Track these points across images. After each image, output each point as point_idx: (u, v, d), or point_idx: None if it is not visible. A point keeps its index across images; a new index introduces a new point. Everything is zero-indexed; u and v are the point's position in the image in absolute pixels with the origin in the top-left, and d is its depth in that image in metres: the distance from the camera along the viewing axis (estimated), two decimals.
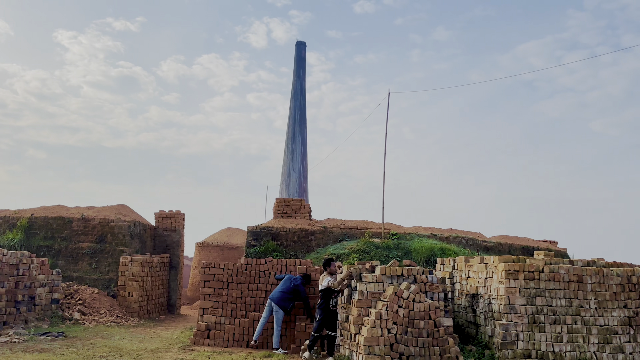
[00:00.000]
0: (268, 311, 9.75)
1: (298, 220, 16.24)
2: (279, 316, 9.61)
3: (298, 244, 15.33)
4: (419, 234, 16.12)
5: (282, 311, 9.60)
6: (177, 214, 17.29)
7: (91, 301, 13.84)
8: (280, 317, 9.62)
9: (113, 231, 15.68)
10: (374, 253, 14.25)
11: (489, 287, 9.16)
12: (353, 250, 14.33)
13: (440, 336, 8.22)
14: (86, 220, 15.88)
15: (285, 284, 9.80)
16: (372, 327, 7.95)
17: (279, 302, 9.59)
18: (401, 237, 15.54)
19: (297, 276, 9.98)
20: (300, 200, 16.47)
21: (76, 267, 15.34)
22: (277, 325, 9.58)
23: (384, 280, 8.57)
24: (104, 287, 14.98)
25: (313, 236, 15.50)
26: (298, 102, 53.37)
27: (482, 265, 9.53)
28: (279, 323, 9.58)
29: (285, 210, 16.40)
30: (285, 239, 15.35)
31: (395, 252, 14.55)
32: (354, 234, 15.82)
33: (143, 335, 11.57)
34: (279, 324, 9.58)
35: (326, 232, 15.62)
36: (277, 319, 9.60)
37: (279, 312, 9.60)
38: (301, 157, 51.89)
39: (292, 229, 15.45)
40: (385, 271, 8.62)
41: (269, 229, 15.47)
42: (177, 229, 17.24)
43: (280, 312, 9.60)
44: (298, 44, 54.62)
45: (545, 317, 8.46)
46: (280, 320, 9.61)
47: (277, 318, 9.60)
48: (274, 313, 9.64)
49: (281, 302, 9.59)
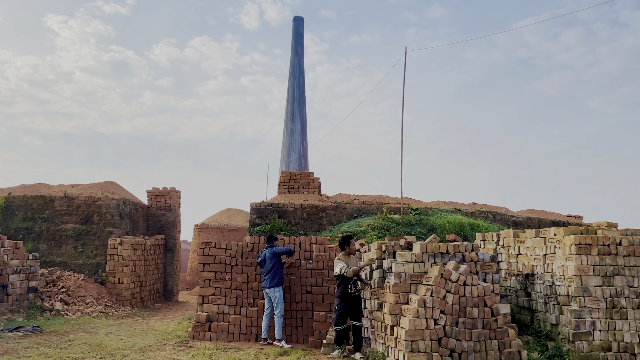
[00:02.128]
0: (268, 301, 8.28)
1: (307, 195, 14.57)
2: (277, 295, 8.15)
3: (308, 222, 13.68)
4: (441, 209, 14.46)
5: (276, 288, 8.17)
6: (172, 192, 15.59)
7: (76, 289, 12.22)
8: (278, 296, 8.14)
9: (100, 210, 13.99)
10: (394, 230, 12.61)
11: (551, 265, 7.52)
12: (371, 227, 12.69)
13: (498, 327, 6.60)
14: (70, 199, 14.17)
15: (263, 262, 8.39)
16: (415, 318, 6.32)
17: (269, 283, 8.20)
18: (422, 213, 13.89)
19: (267, 247, 8.54)
20: (308, 173, 14.77)
21: (59, 251, 13.69)
22: (278, 310, 8.10)
23: (425, 259, 6.92)
24: (91, 273, 13.35)
25: (324, 213, 13.84)
26: (297, 80, 51.23)
27: (538, 240, 7.88)
28: (279, 305, 8.11)
29: (292, 185, 14.71)
30: (293, 217, 13.68)
31: (418, 228, 12.92)
32: (369, 209, 14.16)
33: (134, 327, 9.96)
34: (280, 307, 8.11)
35: (339, 208, 13.96)
36: (276, 299, 8.15)
37: (274, 291, 8.17)
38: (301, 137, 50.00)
39: (300, 205, 13.78)
40: (426, 248, 6.96)
41: (274, 206, 13.80)
42: (172, 208, 15.56)
43: (276, 290, 8.17)
44: (295, 19, 52.27)
45: (627, 301, 6.83)
46: (280, 300, 8.13)
47: (275, 301, 8.15)
48: (272, 298, 8.19)
49: (271, 281, 8.18)
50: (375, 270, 7.45)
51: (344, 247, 7.71)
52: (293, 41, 51.73)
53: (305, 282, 8.54)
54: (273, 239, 8.47)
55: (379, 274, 7.35)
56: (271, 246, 8.36)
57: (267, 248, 8.37)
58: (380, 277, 7.35)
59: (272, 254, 8.19)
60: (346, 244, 7.73)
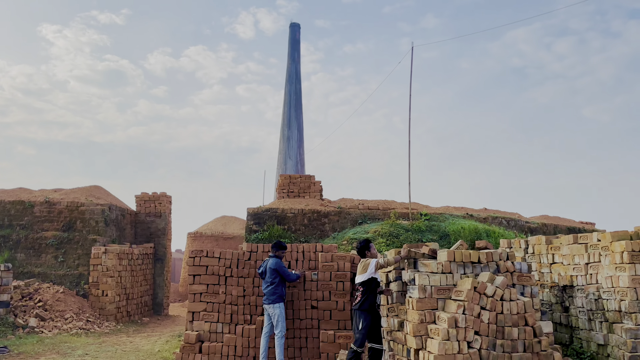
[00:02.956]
0: (267, 318, 7.11)
1: (307, 200, 13.53)
2: (278, 312, 6.95)
3: (309, 228, 12.63)
4: (452, 215, 13.46)
5: (276, 305, 6.98)
6: (162, 196, 14.51)
7: (54, 303, 11.08)
8: (279, 314, 6.95)
9: (83, 217, 12.88)
10: (403, 237, 11.58)
11: (595, 275, 6.50)
12: (378, 233, 11.66)
13: (542, 349, 5.57)
14: (51, 205, 13.06)
15: (263, 275, 7.25)
16: (445, 340, 5.28)
17: (268, 298, 7.03)
18: (432, 218, 12.88)
19: (270, 256, 7.34)
20: (309, 176, 13.75)
21: (39, 260, 12.56)
22: (279, 329, 6.91)
23: (453, 270, 5.89)
24: (73, 285, 12.22)
25: (327, 218, 12.80)
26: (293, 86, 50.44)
27: (578, 247, 6.87)
28: (280, 324, 6.91)
29: (292, 189, 13.67)
30: (293, 223, 12.63)
31: (429, 235, 11.90)
32: (375, 215, 13.13)
33: (115, 347, 8.85)
34: (280, 326, 6.91)
35: (342, 214, 12.93)
36: (276, 316, 6.95)
37: (274, 308, 6.98)
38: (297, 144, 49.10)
39: (301, 211, 12.74)
40: (454, 256, 5.94)
41: (273, 211, 12.75)
42: (162, 214, 14.46)
43: (276, 307, 6.97)
44: (292, 25, 51.59)
45: None
46: (281, 318, 6.94)
47: (275, 316, 6.96)
48: (272, 315, 7.00)
49: (271, 297, 7.01)
50: (393, 283, 6.41)
51: (364, 254, 6.66)
52: (289, 47, 51.01)
53: (310, 296, 7.48)
54: (280, 248, 7.33)
55: (398, 287, 6.31)
56: (275, 256, 7.24)
57: (270, 257, 7.28)
58: (399, 291, 6.31)
59: (275, 265, 7.09)
60: (366, 249, 6.67)
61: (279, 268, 7.06)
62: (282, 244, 7.36)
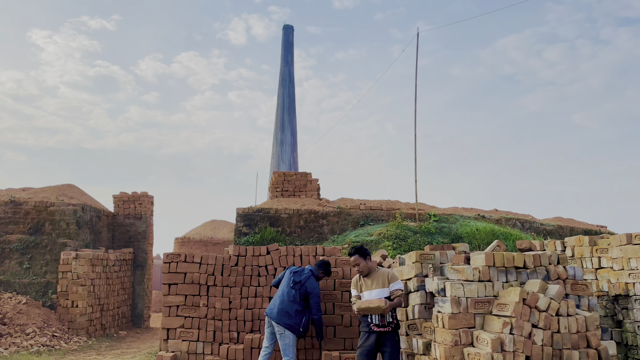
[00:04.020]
0: (269, 336, 5.65)
1: (304, 199, 12.28)
2: (287, 342, 5.49)
3: (306, 231, 11.36)
4: (462, 216, 12.27)
5: (291, 332, 5.52)
6: (142, 197, 13.17)
7: (14, 315, 9.70)
8: (289, 344, 5.49)
9: (53, 218, 11.52)
10: (412, 239, 10.36)
11: None
12: (383, 236, 10.42)
13: None
14: (16, 205, 11.69)
15: (288, 286, 5.69)
16: None
17: (282, 318, 5.51)
18: (441, 219, 11.67)
19: (307, 267, 5.96)
20: (305, 173, 12.50)
21: (1, 267, 11.16)
22: (289, 356, 5.56)
23: (493, 277, 4.66)
24: (39, 295, 10.83)
25: (325, 220, 11.54)
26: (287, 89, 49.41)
27: (634, 248, 5.67)
28: (288, 354, 5.52)
29: (287, 187, 12.41)
30: (288, 225, 11.36)
31: (440, 237, 10.69)
32: (378, 216, 11.90)
33: None
34: (288, 355, 5.54)
35: (342, 215, 11.68)
36: (285, 347, 5.50)
37: (285, 336, 5.50)
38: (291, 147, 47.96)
39: (296, 211, 11.48)
40: (493, 260, 4.71)
41: (265, 212, 11.48)
42: (143, 216, 13.12)
43: (289, 336, 5.50)
44: (285, 27, 50.61)
45: None
46: (291, 348, 5.51)
47: (283, 346, 5.51)
48: (278, 337, 5.56)
49: (285, 318, 5.51)
50: (414, 294, 5.16)
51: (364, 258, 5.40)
52: (283, 50, 49.89)
53: None
54: (325, 269, 5.90)
55: (420, 299, 5.07)
56: (315, 276, 5.80)
57: (306, 272, 5.79)
58: (423, 304, 5.06)
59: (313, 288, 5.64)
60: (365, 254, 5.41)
61: (316, 294, 5.62)
62: (329, 266, 5.92)
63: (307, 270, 5.82)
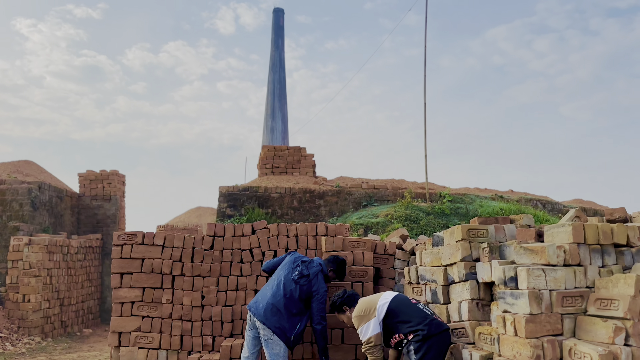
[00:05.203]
0: (252, 342, 4.10)
1: (297, 177, 10.70)
2: (276, 351, 3.93)
3: (300, 212, 9.80)
4: (478, 196, 10.79)
5: (281, 341, 3.94)
6: (112, 175, 11.50)
7: None
8: (278, 354, 3.93)
9: (4, 198, 9.83)
10: (424, 221, 8.85)
11: None
12: (392, 217, 8.89)
13: None
14: None
15: (289, 278, 4.14)
16: None
17: (272, 317, 3.96)
18: (456, 200, 10.18)
19: (315, 259, 4.37)
20: (299, 148, 10.92)
21: None
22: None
23: (584, 259, 3.14)
24: None
25: (322, 200, 9.98)
26: (277, 75, 47.55)
27: None
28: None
29: (277, 164, 10.81)
30: (279, 205, 9.79)
31: (456, 219, 9.18)
32: (383, 195, 10.37)
33: None
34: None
35: (341, 194, 10.12)
36: (273, 358, 3.93)
37: (273, 343, 3.93)
38: (282, 135, 46.31)
39: (289, 190, 9.91)
40: (584, 235, 3.18)
41: (253, 191, 9.89)
42: (112, 197, 11.46)
43: (278, 343, 3.93)
44: (275, 11, 48.66)
45: None
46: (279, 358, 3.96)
47: (271, 356, 3.94)
48: (264, 344, 3.98)
49: (276, 319, 3.96)
50: (460, 285, 3.63)
51: None
52: (273, 34, 47.98)
53: None
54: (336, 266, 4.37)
55: (471, 293, 3.53)
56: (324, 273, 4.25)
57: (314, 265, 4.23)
58: (474, 300, 3.53)
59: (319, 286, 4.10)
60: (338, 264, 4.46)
61: (321, 296, 4.07)
62: (344, 265, 4.41)
63: (317, 263, 4.25)
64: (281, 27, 50.56)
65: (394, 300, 3.58)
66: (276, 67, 49.37)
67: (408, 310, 3.50)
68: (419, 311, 3.47)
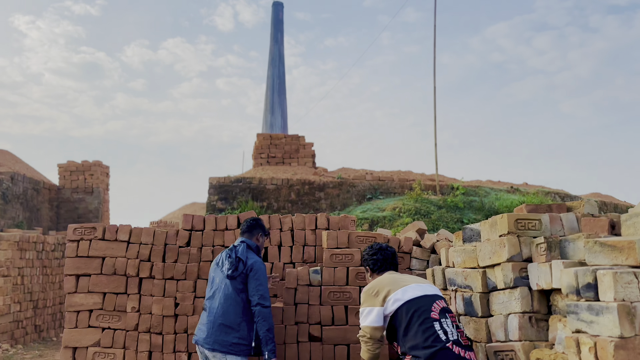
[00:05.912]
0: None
1: (295, 168, 9.82)
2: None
3: (298, 205, 8.92)
4: (492, 189, 9.92)
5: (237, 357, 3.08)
6: (94, 166, 10.60)
7: None
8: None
9: None
10: (436, 215, 7.98)
11: None
12: (400, 210, 8.03)
13: None
14: None
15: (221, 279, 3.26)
16: None
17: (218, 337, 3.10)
18: (469, 192, 9.31)
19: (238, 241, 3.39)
20: (297, 136, 10.04)
21: None
22: None
23: None
24: None
25: (322, 192, 9.10)
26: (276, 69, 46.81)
27: None
28: None
29: (274, 153, 9.92)
30: (275, 198, 8.91)
31: (470, 213, 8.34)
32: (389, 187, 9.49)
33: None
34: None
35: (344, 186, 9.24)
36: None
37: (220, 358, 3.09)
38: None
39: (286, 181, 9.02)
40: None
41: (247, 182, 9.01)
42: (95, 190, 10.57)
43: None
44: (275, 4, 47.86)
45: None
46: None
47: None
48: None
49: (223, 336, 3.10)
50: (506, 293, 2.75)
51: None
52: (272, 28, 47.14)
53: (308, 317, 3.75)
54: (255, 229, 3.47)
55: (522, 304, 2.65)
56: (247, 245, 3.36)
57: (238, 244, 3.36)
58: (528, 314, 2.64)
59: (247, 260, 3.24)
60: None
61: (257, 271, 3.21)
62: (258, 221, 3.50)
63: (239, 242, 3.37)
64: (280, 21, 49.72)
65: (412, 302, 2.64)
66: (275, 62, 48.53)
67: (418, 323, 2.58)
68: (430, 331, 2.53)
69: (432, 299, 2.61)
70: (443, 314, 2.56)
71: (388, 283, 2.72)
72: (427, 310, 2.57)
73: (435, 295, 2.66)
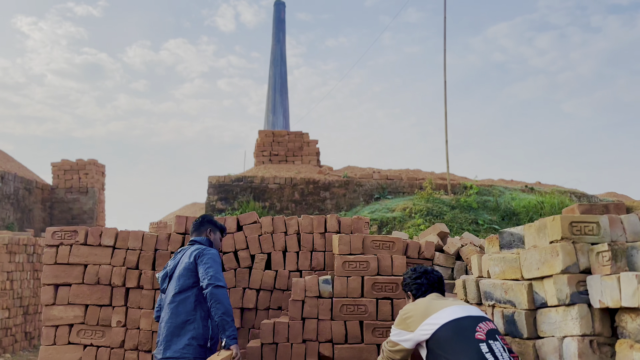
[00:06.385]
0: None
1: (299, 166, 9.35)
2: None
3: (302, 206, 8.46)
4: (507, 188, 9.45)
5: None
6: (89, 165, 10.16)
7: None
8: None
9: None
10: (449, 216, 7.51)
11: None
12: (410, 211, 7.56)
13: None
14: None
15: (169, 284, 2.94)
16: None
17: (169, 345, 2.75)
18: (482, 192, 8.84)
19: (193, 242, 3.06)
20: (301, 133, 9.57)
21: None
22: None
23: None
24: None
25: (328, 192, 8.64)
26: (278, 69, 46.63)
27: None
28: None
29: (276, 151, 9.46)
30: (278, 198, 8.45)
31: (485, 214, 7.86)
32: (397, 187, 9.03)
33: None
34: None
35: (350, 186, 8.78)
36: None
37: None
38: None
39: (289, 180, 8.56)
40: None
41: (248, 181, 8.55)
42: (90, 190, 10.12)
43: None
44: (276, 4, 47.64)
45: None
46: None
47: None
48: None
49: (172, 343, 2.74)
50: (560, 311, 2.27)
51: None
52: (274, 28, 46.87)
53: (317, 333, 3.28)
54: (204, 224, 3.13)
55: (581, 326, 2.17)
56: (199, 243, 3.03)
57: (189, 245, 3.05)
58: (589, 337, 2.16)
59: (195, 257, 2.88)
60: None
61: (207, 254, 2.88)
62: (203, 218, 3.18)
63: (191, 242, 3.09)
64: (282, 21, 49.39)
65: (449, 325, 2.20)
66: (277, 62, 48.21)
67: (461, 346, 2.13)
68: (476, 353, 2.09)
69: (476, 320, 2.16)
70: (491, 336, 2.11)
71: (424, 308, 2.30)
72: (471, 331, 2.12)
73: (481, 316, 2.20)
